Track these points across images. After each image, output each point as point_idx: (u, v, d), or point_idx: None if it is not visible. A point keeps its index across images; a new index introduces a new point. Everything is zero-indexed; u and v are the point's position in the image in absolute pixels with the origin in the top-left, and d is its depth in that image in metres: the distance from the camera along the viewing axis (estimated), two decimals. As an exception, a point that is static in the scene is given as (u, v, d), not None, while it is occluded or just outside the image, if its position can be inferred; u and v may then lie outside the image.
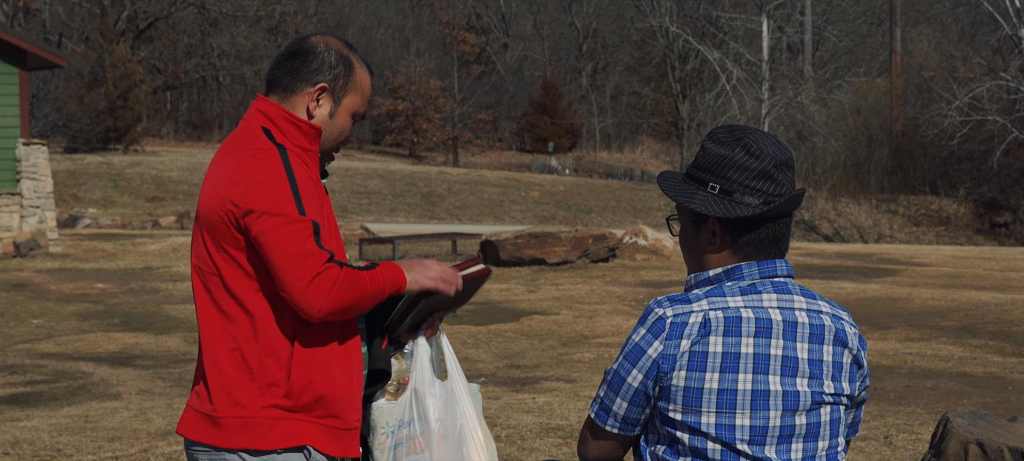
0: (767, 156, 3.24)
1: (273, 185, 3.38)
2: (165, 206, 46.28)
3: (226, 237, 3.42)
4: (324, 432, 3.50)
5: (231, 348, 3.47)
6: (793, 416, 3.20)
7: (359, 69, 3.64)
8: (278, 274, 3.35)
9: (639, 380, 3.21)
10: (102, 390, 11.56)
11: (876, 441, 8.59)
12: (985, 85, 53.18)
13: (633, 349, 3.22)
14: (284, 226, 3.34)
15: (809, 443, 3.24)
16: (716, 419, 3.16)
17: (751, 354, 3.17)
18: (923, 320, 16.17)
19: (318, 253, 3.34)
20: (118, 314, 17.51)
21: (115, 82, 57.28)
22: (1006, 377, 11.88)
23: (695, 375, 3.15)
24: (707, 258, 3.32)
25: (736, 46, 57.90)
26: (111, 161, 52.44)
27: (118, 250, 26.77)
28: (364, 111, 3.69)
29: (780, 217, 3.28)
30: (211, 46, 74.24)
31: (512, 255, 22.96)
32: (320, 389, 3.47)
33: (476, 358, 13.16)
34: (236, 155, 3.46)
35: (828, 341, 3.27)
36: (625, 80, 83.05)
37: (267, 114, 3.57)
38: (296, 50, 3.62)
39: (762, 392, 3.17)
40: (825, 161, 61.66)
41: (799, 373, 3.21)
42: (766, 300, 3.23)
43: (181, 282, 21.28)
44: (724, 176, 3.26)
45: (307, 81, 3.58)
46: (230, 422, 3.46)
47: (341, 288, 3.34)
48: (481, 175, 60.09)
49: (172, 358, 13.58)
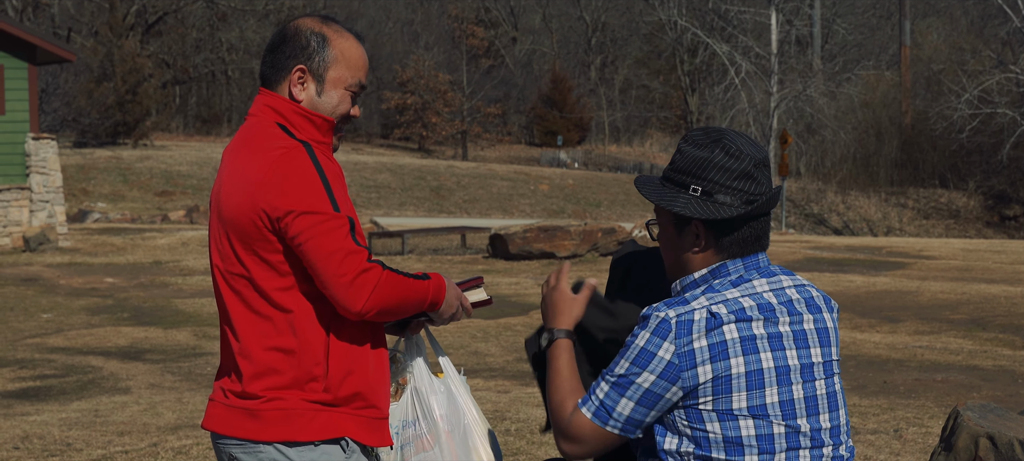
0: (746, 156, 3.30)
1: (306, 184, 3.37)
2: (174, 200, 46.31)
3: (258, 240, 3.42)
4: (363, 423, 3.52)
5: (266, 346, 3.48)
6: (813, 386, 3.28)
7: (337, 39, 3.58)
8: (319, 273, 3.36)
9: (650, 381, 3.21)
10: (112, 384, 11.57)
11: (886, 434, 8.57)
12: (995, 78, 53.11)
13: (640, 354, 3.23)
14: (322, 224, 3.34)
15: (833, 414, 3.32)
16: (747, 400, 3.21)
17: (764, 335, 3.23)
18: (933, 313, 16.15)
19: (358, 251, 3.36)
20: (127, 308, 17.53)
21: (124, 76, 57.29)
22: (1016, 370, 11.86)
23: (721, 365, 3.19)
24: (691, 259, 3.36)
25: (745, 39, 57.81)
26: (120, 155, 52.48)
27: (127, 244, 26.80)
28: (359, 80, 3.61)
29: (761, 216, 3.34)
30: (220, 40, 74.27)
31: (521, 249, 22.95)
32: (358, 381, 3.50)
33: (486, 351, 13.16)
34: (262, 156, 3.44)
35: (822, 309, 3.38)
36: (634, 74, 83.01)
37: (278, 110, 3.55)
38: (273, 41, 3.62)
39: (783, 367, 3.24)
40: (834, 154, 61.64)
41: (810, 344, 3.30)
42: (758, 286, 3.31)
43: (190, 276, 21.30)
44: (705, 178, 3.30)
45: (285, 69, 3.56)
46: (269, 415, 3.47)
47: (384, 288, 3.37)
48: (490, 169, 60.07)
49: (182, 352, 13.59)
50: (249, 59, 74.12)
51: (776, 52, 56.39)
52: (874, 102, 62.32)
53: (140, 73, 58.78)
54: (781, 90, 55.80)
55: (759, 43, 57.86)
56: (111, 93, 56.64)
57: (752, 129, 54.05)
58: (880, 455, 8.00)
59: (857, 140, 61.16)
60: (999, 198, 57.18)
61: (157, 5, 70.19)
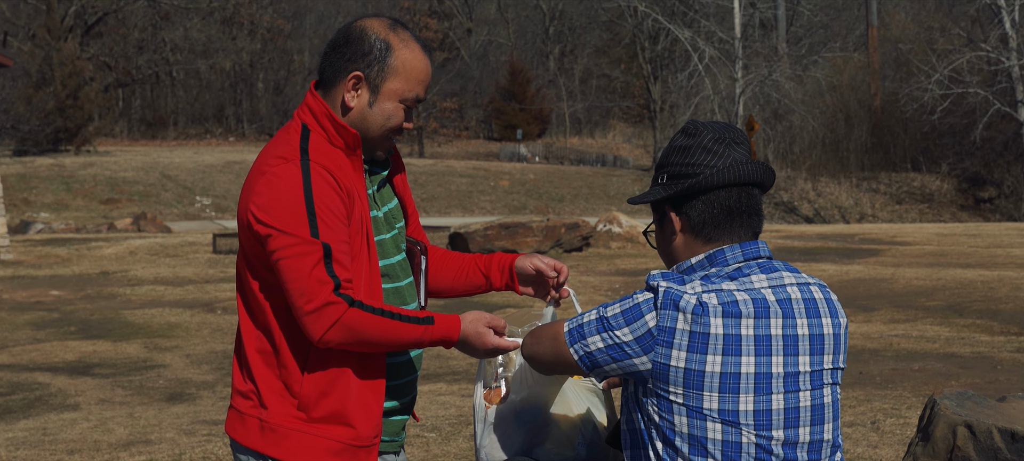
0: (705, 133, 3.38)
1: (289, 205, 3.37)
2: (120, 208, 46.11)
3: (250, 240, 3.46)
4: (336, 450, 3.50)
5: (257, 348, 3.52)
6: (797, 397, 3.26)
7: (401, 49, 3.54)
8: (286, 295, 3.39)
9: (628, 338, 3.23)
10: (60, 401, 11.51)
11: (863, 426, 8.63)
12: (965, 57, 53.42)
13: (633, 308, 3.25)
14: (294, 248, 3.35)
15: (816, 428, 3.29)
16: (719, 403, 3.20)
17: (751, 336, 3.21)
18: (908, 301, 16.25)
19: (326, 281, 3.34)
20: (74, 322, 17.44)
21: (64, 80, 57.02)
22: (994, 356, 11.95)
23: (696, 357, 3.18)
24: (676, 247, 3.41)
25: (708, 24, 58.01)
26: (63, 163, 52.20)
27: (73, 255, 26.66)
28: (417, 95, 3.57)
29: (725, 186, 3.35)
30: (164, 40, 73.97)
31: (482, 247, 22.97)
32: (334, 403, 3.48)
33: (448, 354, 13.16)
34: (263, 164, 3.47)
35: (823, 314, 3.34)
36: (594, 63, 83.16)
37: (312, 109, 3.55)
38: (336, 39, 3.59)
39: (764, 375, 3.22)
40: (803, 140, 61.89)
41: (800, 352, 3.27)
42: (756, 281, 3.29)
43: (139, 286, 21.21)
44: (668, 163, 3.40)
45: (343, 72, 3.53)
46: (251, 421, 3.51)
47: (347, 324, 3.36)
48: (448, 165, 60.07)
49: (132, 365, 13.53)
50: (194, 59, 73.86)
51: (740, 36, 56.62)
52: (842, 85, 62.63)
53: (81, 76, 58.51)
54: (746, 75, 56.06)
55: (722, 27, 58.06)
56: (51, 98, 56.35)
57: (717, 116, 54.23)
58: (858, 448, 8.05)
59: (826, 125, 61.46)
60: (973, 180, 57.58)
61: (97, 5, 69.84)
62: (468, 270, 4.03)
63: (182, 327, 16.44)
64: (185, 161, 56.22)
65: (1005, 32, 52.45)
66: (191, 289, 20.51)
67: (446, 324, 3.52)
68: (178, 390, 11.97)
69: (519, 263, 3.98)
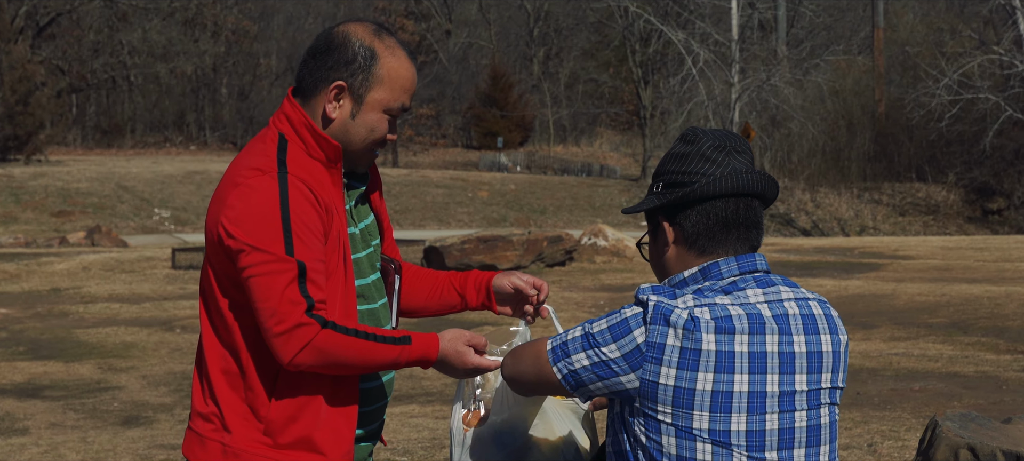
0: (704, 140, 3.42)
1: (262, 218, 3.38)
2: (73, 221, 46.01)
3: (219, 256, 3.46)
4: None
5: (222, 369, 3.53)
6: (792, 417, 3.29)
7: (388, 58, 3.55)
8: (256, 315, 3.39)
9: (615, 355, 3.25)
10: (8, 425, 11.52)
11: (859, 450, 8.68)
12: (976, 60, 53.34)
13: (621, 323, 3.27)
14: (266, 265, 3.35)
15: (812, 450, 3.33)
16: (710, 423, 3.22)
17: (746, 353, 3.23)
18: (910, 318, 16.33)
19: (299, 301, 3.35)
20: (24, 341, 17.43)
21: (13, 85, 56.90)
22: (1000, 376, 12.02)
23: (686, 374, 3.20)
24: (669, 260, 3.44)
25: (703, 25, 58.05)
26: (11, 173, 52.07)
27: (22, 271, 26.61)
28: (402, 104, 3.58)
29: (722, 196, 3.38)
30: (121, 43, 73.85)
31: (459, 262, 23.00)
32: (304, 429, 3.50)
33: (422, 375, 13.20)
34: (235, 175, 3.46)
35: (822, 330, 3.37)
36: (581, 66, 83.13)
37: (290, 119, 3.55)
38: (317, 45, 3.58)
39: (758, 393, 3.24)
40: (802, 148, 61.96)
41: (797, 370, 3.30)
42: (751, 296, 3.31)
43: (93, 304, 21.18)
44: (665, 170, 3.44)
45: (324, 80, 3.53)
46: (212, 445, 3.52)
47: (319, 346, 3.36)
48: (424, 175, 60.07)
49: (85, 387, 13.54)
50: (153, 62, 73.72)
51: (737, 38, 56.67)
52: (844, 90, 62.72)
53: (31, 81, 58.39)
54: (743, 80, 56.10)
55: (718, 29, 58.11)
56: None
57: (711, 123, 54.24)
58: (852, 471, 8.11)
59: (826, 132, 61.53)
60: (981, 191, 57.69)
61: (49, 5, 69.73)
62: (442, 288, 4.04)
63: (138, 347, 16.44)
64: (143, 171, 56.12)
65: (1019, 34, 52.46)
66: (148, 307, 20.49)
67: (424, 344, 3.53)
68: (134, 413, 11.99)
69: (496, 281, 4.00)
